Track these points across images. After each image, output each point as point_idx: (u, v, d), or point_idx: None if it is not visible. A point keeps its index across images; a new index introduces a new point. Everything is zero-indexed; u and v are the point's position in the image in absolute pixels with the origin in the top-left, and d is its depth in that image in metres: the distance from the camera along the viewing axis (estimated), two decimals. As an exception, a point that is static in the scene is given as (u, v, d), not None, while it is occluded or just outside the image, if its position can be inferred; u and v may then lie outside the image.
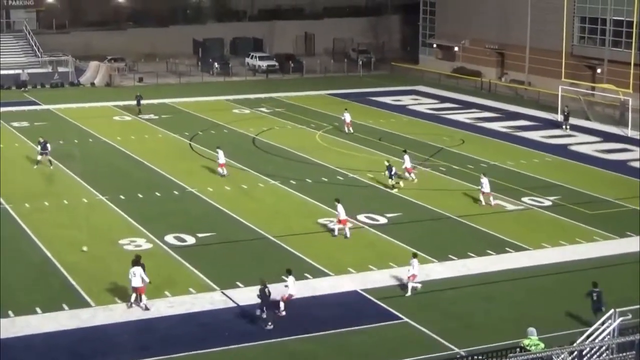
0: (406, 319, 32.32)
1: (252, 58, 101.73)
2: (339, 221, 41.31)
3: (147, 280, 32.97)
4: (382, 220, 44.19)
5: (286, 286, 32.60)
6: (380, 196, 48.51)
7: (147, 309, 32.82)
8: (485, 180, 46.49)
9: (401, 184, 49.94)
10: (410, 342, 30.57)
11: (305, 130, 67.05)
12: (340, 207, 41.09)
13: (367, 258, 38.63)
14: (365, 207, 45.95)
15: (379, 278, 36.39)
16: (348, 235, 41.07)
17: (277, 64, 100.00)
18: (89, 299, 33.90)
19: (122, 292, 34.28)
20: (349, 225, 41.54)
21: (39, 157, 54.24)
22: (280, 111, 74.98)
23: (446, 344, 30.19)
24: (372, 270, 37.26)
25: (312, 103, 79.45)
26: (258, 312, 31.36)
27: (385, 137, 64.32)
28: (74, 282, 35.56)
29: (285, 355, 29.46)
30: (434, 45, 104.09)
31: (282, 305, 32.43)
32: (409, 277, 34.50)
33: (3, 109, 74.25)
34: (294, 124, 69.39)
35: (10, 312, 32.40)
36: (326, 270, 37.14)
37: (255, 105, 78.22)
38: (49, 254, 38.64)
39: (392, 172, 49.54)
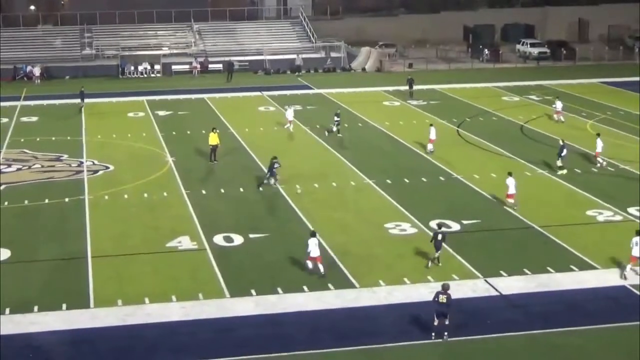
0: (678, 319, 30.99)
1: (523, 45, 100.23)
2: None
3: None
4: (655, 214, 42.50)
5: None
6: (654, 189, 46.64)
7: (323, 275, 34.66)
8: None
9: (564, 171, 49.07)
10: (681, 342, 29.30)
11: (577, 119, 65.38)
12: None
13: (638, 253, 37.21)
14: (636, 200, 44.29)
15: (649, 274, 35.06)
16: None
17: (548, 50, 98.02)
18: (353, 281, 34.65)
19: (385, 275, 34.81)
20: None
21: (334, 128, 58.71)
22: (551, 99, 73.42)
23: None
24: (642, 266, 35.92)
25: (584, 91, 77.36)
26: None
27: (661, 127, 61.76)
28: (340, 264, 36.45)
29: (549, 348, 28.93)
30: None
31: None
32: None
33: (278, 92, 77.19)
34: (564, 112, 67.75)
35: (279, 289, 33.65)
36: (593, 263, 36.15)
37: (525, 92, 77.09)
38: (318, 235, 39.69)
39: (562, 153, 48.96)
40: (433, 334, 28.86)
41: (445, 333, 28.84)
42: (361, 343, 29.34)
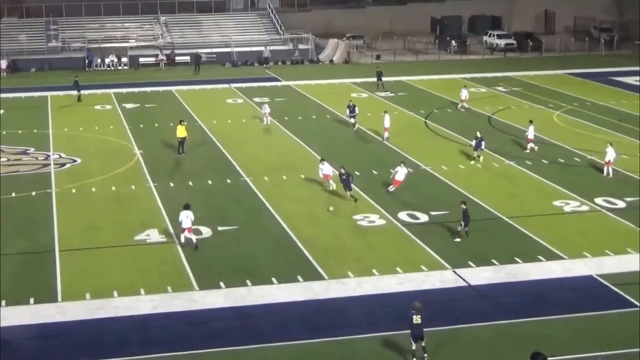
0: (643, 307, 31.31)
1: (490, 36, 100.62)
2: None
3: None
4: (621, 204, 42.82)
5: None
6: (619, 179, 46.97)
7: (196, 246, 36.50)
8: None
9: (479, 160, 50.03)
10: (648, 331, 29.60)
11: (543, 110, 65.78)
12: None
13: (604, 242, 37.57)
14: (603, 190, 44.68)
15: (616, 264, 35.37)
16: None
17: (515, 42, 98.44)
18: (322, 272, 34.72)
19: (354, 267, 34.91)
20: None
21: (353, 120, 59.26)
22: (518, 90, 73.87)
23: (686, 335, 29.04)
24: (608, 256, 36.23)
25: (551, 82, 77.79)
26: None
27: (627, 118, 62.17)
28: (309, 256, 36.50)
29: (517, 338, 29.13)
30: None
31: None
32: None
33: (246, 84, 77.08)
34: (531, 103, 68.20)
35: (248, 282, 33.67)
36: (560, 254, 36.42)
37: (492, 84, 77.42)
38: (286, 227, 39.80)
39: (480, 146, 50.04)
40: (414, 359, 27.41)
41: (425, 355, 27.40)
42: (331, 334, 29.43)
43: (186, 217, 36.99)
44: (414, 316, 27.13)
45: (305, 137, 56.64)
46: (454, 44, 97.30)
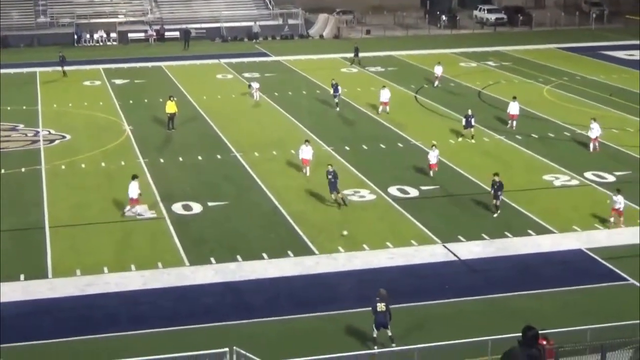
0: (632, 281, 31.40)
1: (480, 11, 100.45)
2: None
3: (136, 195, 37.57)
4: (610, 178, 42.91)
5: None
6: (609, 153, 47.05)
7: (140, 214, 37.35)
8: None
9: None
10: (637, 304, 29.64)
11: (533, 84, 65.78)
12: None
13: (594, 216, 37.68)
14: (593, 165, 44.77)
15: (605, 237, 35.49)
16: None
17: (505, 16, 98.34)
18: (313, 247, 34.76)
19: (344, 242, 34.95)
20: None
21: (336, 100, 57.59)
22: (508, 65, 73.82)
23: (675, 308, 29.16)
24: (598, 230, 36.35)
25: (541, 57, 77.76)
26: None
27: (617, 92, 62.24)
28: (299, 231, 36.53)
29: (506, 311, 29.25)
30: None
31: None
32: None
33: (235, 59, 76.86)
34: (521, 78, 68.17)
35: (239, 257, 33.70)
36: (551, 228, 36.52)
37: (482, 58, 77.35)
38: (277, 203, 39.78)
39: (471, 124, 49.58)
40: (375, 347, 26.31)
41: (393, 344, 26.23)
42: (321, 309, 29.49)
43: (134, 188, 37.57)
44: (378, 303, 26.39)
45: (296, 112, 56.55)
46: (444, 18, 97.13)
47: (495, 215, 37.74)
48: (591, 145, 46.95)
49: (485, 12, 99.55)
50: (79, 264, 33.13)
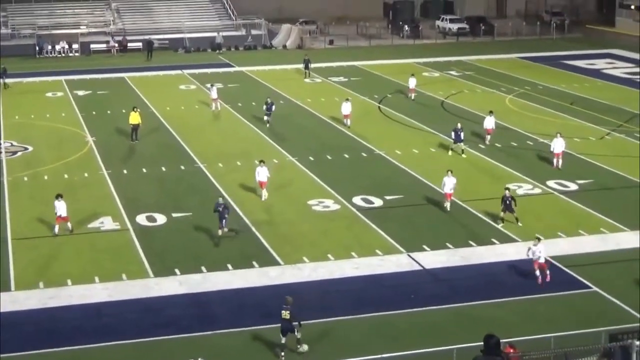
0: (595, 289, 31.63)
1: (442, 21, 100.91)
2: None
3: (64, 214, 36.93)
4: (573, 186, 43.26)
5: None
6: (572, 162, 47.41)
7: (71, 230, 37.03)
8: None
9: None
10: (600, 312, 29.91)
11: (496, 93, 66.19)
12: None
13: (557, 225, 37.96)
14: (556, 173, 45.10)
15: (568, 246, 35.74)
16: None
17: (467, 26, 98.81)
18: (277, 258, 34.71)
19: (309, 252, 34.95)
20: None
21: (267, 118, 55.78)
22: (470, 74, 74.24)
23: (638, 315, 29.37)
24: (561, 238, 36.61)
25: (503, 66, 78.26)
26: None
27: (578, 101, 62.78)
28: (264, 241, 36.47)
29: (471, 320, 29.34)
30: (632, 7, 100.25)
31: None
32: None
33: (199, 70, 76.70)
34: (483, 87, 68.60)
35: (203, 268, 33.58)
36: (514, 237, 36.73)
37: (444, 68, 77.70)
38: (241, 214, 39.70)
39: (460, 138, 48.53)
40: (282, 353, 26.85)
41: (298, 346, 27.07)
42: (287, 320, 29.39)
43: (60, 206, 36.96)
44: (283, 311, 26.93)
45: (259, 123, 56.46)
46: (406, 28, 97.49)
47: (520, 224, 37.81)
48: (555, 161, 46.67)
49: (448, 22, 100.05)
50: (42, 276, 32.87)
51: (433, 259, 34.52)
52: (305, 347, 27.13)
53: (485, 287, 32.09)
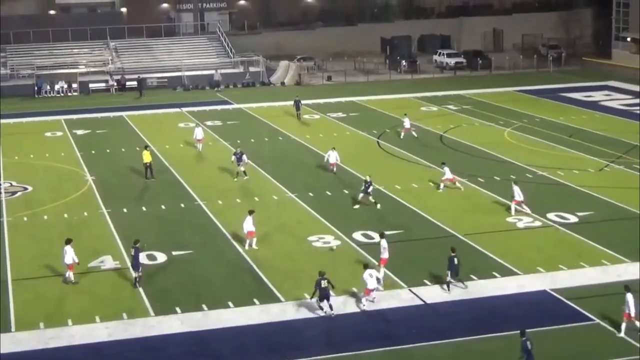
0: (598, 321, 31.55)
1: (439, 55, 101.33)
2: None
3: (76, 259, 36.09)
4: (573, 219, 43.25)
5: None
6: (571, 194, 47.47)
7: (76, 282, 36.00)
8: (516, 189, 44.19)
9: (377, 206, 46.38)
10: (603, 344, 29.81)
11: (494, 127, 66.33)
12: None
13: (557, 257, 37.93)
14: (555, 205, 45.10)
15: (569, 278, 35.69)
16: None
17: (465, 60, 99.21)
18: (279, 294, 34.64)
19: (310, 288, 34.78)
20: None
21: (241, 169, 52.58)
22: (468, 108, 74.41)
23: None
24: (562, 270, 36.56)
25: (501, 100, 78.46)
26: None
27: (576, 133, 62.91)
28: (264, 278, 36.42)
29: (475, 354, 29.27)
30: (628, 39, 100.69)
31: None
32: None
33: (198, 108, 76.91)
34: (482, 121, 68.75)
35: (204, 306, 33.51)
36: (514, 269, 36.68)
37: (442, 102, 77.89)
38: (241, 251, 39.68)
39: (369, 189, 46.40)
40: (325, 313, 32.27)
41: (332, 312, 32.30)
42: (289, 356, 29.33)
43: (68, 253, 36.26)
44: (322, 281, 31.91)
45: (258, 159, 56.50)
46: (404, 63, 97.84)
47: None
48: (512, 208, 44.23)
49: (445, 56, 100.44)
50: (43, 316, 32.79)
51: (434, 293, 34.44)
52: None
53: (487, 321, 32.00)
